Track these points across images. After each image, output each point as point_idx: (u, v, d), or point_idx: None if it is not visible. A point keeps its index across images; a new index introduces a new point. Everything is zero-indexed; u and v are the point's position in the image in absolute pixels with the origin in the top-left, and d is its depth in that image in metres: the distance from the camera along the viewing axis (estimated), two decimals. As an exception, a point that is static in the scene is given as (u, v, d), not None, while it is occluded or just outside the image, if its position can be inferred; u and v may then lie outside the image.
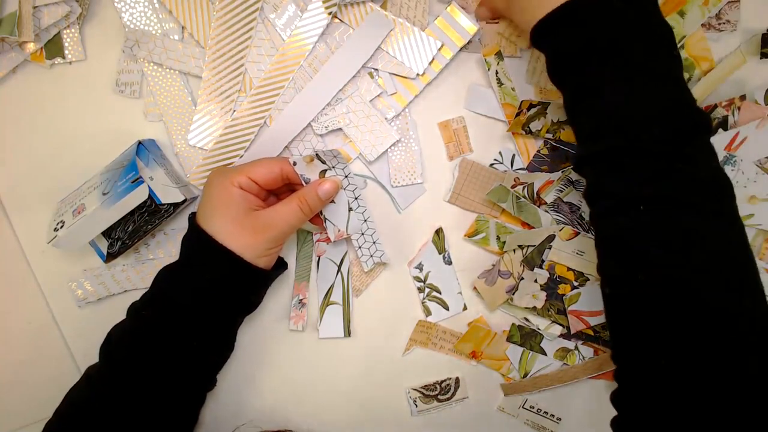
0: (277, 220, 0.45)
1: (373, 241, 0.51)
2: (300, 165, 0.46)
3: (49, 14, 0.51)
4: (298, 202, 0.45)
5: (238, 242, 0.44)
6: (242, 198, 0.45)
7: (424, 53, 0.51)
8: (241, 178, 0.45)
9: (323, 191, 0.46)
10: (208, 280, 0.44)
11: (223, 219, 0.44)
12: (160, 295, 0.46)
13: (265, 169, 0.45)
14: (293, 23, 0.51)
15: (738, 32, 0.51)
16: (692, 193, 0.35)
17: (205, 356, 0.46)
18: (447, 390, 0.54)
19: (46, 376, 0.56)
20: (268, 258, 0.46)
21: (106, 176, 0.50)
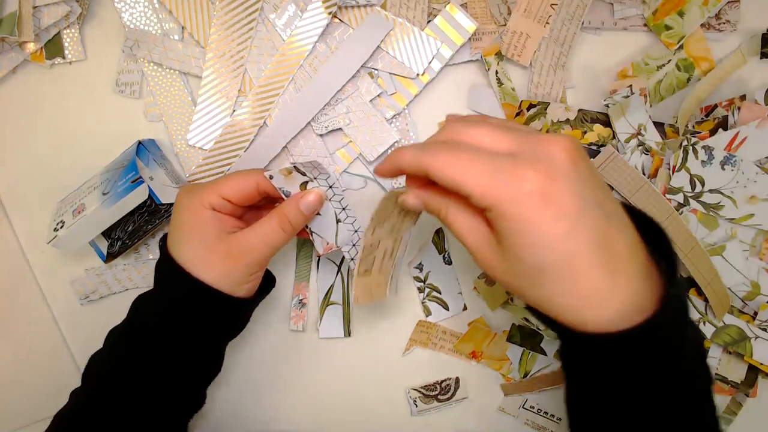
0: (255, 243, 0.39)
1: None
2: (277, 178, 0.40)
3: (49, 14, 0.51)
4: (278, 221, 0.40)
5: (213, 272, 0.39)
6: (215, 221, 0.40)
7: (423, 53, 0.51)
8: (211, 197, 0.39)
9: (306, 205, 0.40)
10: (184, 316, 0.40)
11: (194, 246, 0.39)
12: (136, 327, 0.42)
13: (237, 186, 0.40)
14: (293, 23, 0.51)
15: (738, 32, 0.51)
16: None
17: (188, 382, 0.43)
18: (447, 390, 0.54)
19: (46, 376, 0.56)
20: (250, 284, 0.41)
21: (106, 176, 0.50)
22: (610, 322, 0.30)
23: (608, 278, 0.29)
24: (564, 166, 0.29)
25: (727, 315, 0.48)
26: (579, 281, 0.30)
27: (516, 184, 0.29)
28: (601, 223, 0.29)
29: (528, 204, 0.29)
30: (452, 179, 0.30)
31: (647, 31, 0.52)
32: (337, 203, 0.44)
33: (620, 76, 0.51)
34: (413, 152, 0.32)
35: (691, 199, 0.48)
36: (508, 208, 0.29)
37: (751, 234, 0.48)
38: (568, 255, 0.29)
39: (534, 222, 0.29)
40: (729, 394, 0.51)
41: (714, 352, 0.49)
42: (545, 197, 0.29)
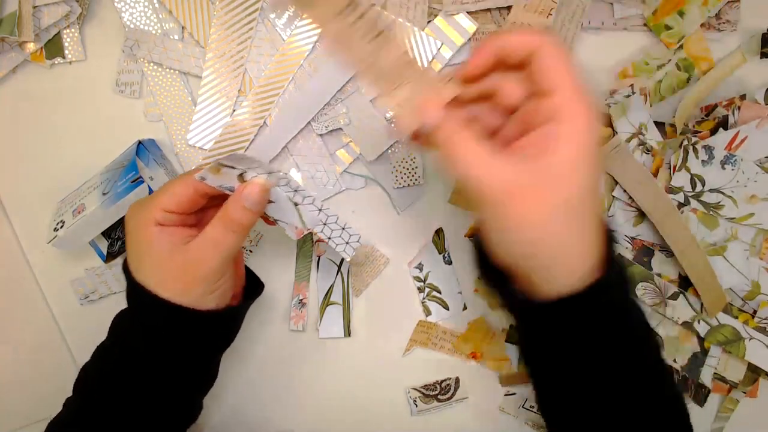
0: (206, 251, 0.37)
1: (342, 227, 0.43)
2: (210, 178, 0.37)
3: (49, 14, 0.51)
4: (223, 224, 0.37)
5: (171, 290, 0.37)
6: (163, 236, 0.37)
7: (423, 53, 0.51)
8: (154, 213, 0.37)
9: (249, 200, 0.37)
10: (159, 336, 0.38)
11: (149, 266, 0.38)
12: (118, 345, 0.41)
13: (175, 195, 0.37)
14: (293, 23, 0.51)
15: (738, 32, 0.51)
16: None
17: (178, 396, 0.41)
18: (447, 390, 0.54)
19: (46, 376, 0.56)
20: (217, 294, 0.38)
21: (106, 176, 0.50)
22: (579, 278, 0.31)
23: (587, 230, 0.31)
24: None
25: (721, 314, 0.48)
26: (591, 231, 0.31)
27: (590, 110, 0.30)
28: (597, 172, 0.32)
29: (592, 130, 0.30)
30: (560, 70, 0.31)
31: (647, 31, 0.52)
32: (286, 187, 0.40)
33: (620, 76, 0.51)
34: (526, 31, 0.32)
35: (692, 198, 0.48)
36: (584, 124, 0.30)
37: (751, 233, 0.48)
38: (594, 201, 0.31)
39: (594, 145, 0.30)
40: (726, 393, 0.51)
41: (714, 352, 0.49)
42: (593, 133, 0.31)
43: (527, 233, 0.30)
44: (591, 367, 0.34)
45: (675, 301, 0.48)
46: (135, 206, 0.39)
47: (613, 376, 0.34)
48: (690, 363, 0.49)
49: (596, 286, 0.31)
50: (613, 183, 0.49)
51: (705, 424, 0.52)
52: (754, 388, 0.51)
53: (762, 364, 0.48)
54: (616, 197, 0.49)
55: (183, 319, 0.38)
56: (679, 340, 0.49)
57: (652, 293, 0.48)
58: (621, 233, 0.49)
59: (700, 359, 0.49)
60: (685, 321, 0.48)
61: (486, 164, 0.30)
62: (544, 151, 0.30)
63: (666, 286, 0.48)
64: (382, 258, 0.53)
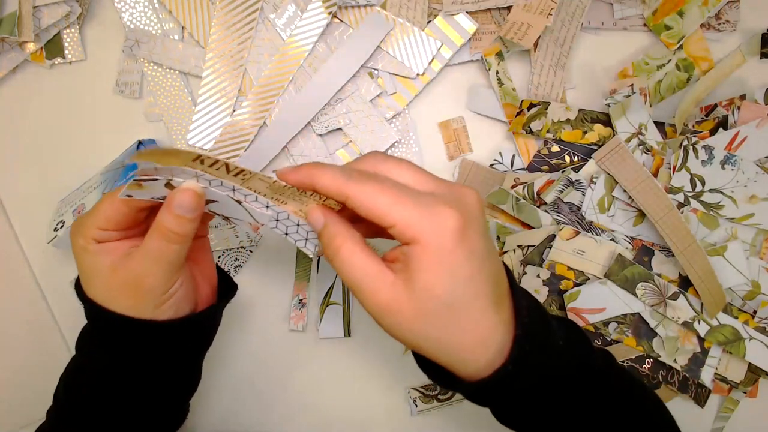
0: (146, 265, 0.35)
1: (296, 223, 0.39)
2: (137, 193, 0.34)
3: (49, 14, 0.51)
4: (159, 235, 0.35)
5: (123, 306, 0.36)
6: (103, 253, 0.36)
7: (423, 53, 0.51)
8: (92, 231, 0.36)
9: (180, 207, 0.34)
10: (124, 350, 0.37)
11: (94, 284, 0.36)
12: (84, 361, 0.40)
13: (107, 214, 0.35)
14: (293, 23, 0.51)
15: (738, 32, 0.51)
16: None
17: (158, 404, 0.40)
18: (447, 390, 0.54)
19: (46, 376, 0.55)
20: (171, 304, 0.37)
21: (106, 176, 0.50)
22: (489, 363, 0.32)
23: (495, 316, 0.32)
24: (476, 211, 0.32)
25: (721, 314, 0.48)
26: (481, 321, 0.32)
27: (439, 219, 0.30)
28: (495, 266, 0.33)
29: (449, 239, 0.30)
30: (378, 210, 0.31)
31: (647, 31, 0.52)
32: (221, 186, 0.36)
33: (620, 76, 0.51)
34: (334, 176, 0.32)
35: (692, 198, 0.48)
36: (430, 241, 0.30)
37: (751, 233, 0.48)
38: (475, 294, 0.31)
39: (452, 257, 0.30)
40: (726, 393, 0.51)
41: (714, 352, 0.49)
42: (463, 235, 0.31)
43: (406, 340, 0.33)
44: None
45: (675, 301, 0.48)
46: (75, 225, 0.37)
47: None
48: (690, 363, 0.49)
49: (502, 370, 0.32)
50: (613, 183, 0.49)
51: (705, 424, 0.52)
52: (754, 389, 0.51)
53: (762, 365, 0.48)
54: (616, 197, 0.49)
55: (142, 331, 0.36)
56: (679, 340, 0.49)
57: (652, 293, 0.48)
58: (621, 233, 0.49)
59: (700, 359, 0.49)
60: (685, 321, 0.48)
61: (365, 274, 0.32)
62: (405, 269, 0.31)
63: (666, 286, 0.48)
64: (382, 258, 0.53)
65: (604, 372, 0.37)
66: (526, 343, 0.33)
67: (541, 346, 0.34)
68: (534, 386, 0.34)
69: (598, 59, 0.52)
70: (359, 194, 0.31)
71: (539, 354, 0.34)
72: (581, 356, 0.36)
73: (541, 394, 0.34)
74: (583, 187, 0.49)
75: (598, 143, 0.50)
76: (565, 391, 0.35)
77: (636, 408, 0.38)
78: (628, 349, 0.50)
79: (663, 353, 0.49)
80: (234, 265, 0.53)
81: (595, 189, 0.49)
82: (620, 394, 0.38)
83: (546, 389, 0.34)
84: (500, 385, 0.33)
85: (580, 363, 0.36)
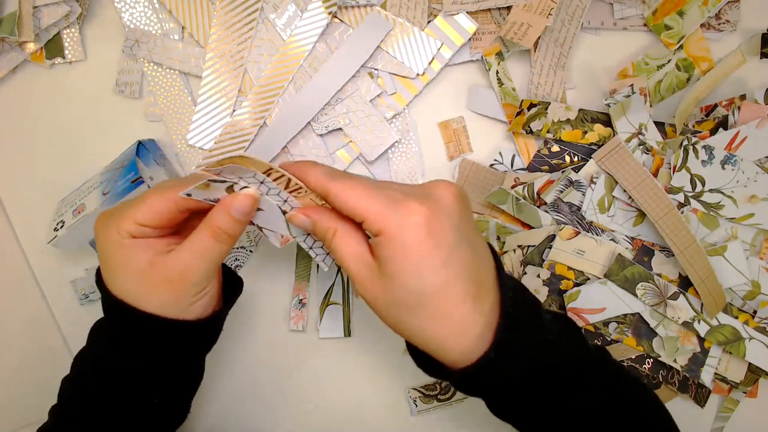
0: (191, 262, 0.35)
1: None
2: (197, 193, 0.35)
3: (49, 14, 0.51)
4: (210, 233, 0.35)
5: (153, 302, 0.36)
6: (139, 248, 0.36)
7: (423, 53, 0.51)
8: (128, 226, 0.35)
9: (238, 210, 0.35)
10: (138, 349, 0.37)
11: (127, 280, 0.36)
12: (97, 357, 0.39)
13: (151, 210, 0.35)
14: (293, 23, 0.51)
15: (738, 32, 0.51)
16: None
17: (163, 402, 0.41)
18: (447, 390, 0.54)
19: (46, 376, 0.55)
20: (202, 302, 0.37)
21: (106, 176, 0.50)
22: (471, 350, 0.34)
23: (474, 304, 0.33)
24: (448, 205, 0.34)
25: (721, 314, 0.48)
26: (454, 310, 0.33)
27: (405, 213, 0.32)
28: (470, 256, 0.34)
29: (413, 232, 0.32)
30: (351, 205, 0.33)
31: (647, 31, 0.52)
32: (276, 195, 0.39)
33: (620, 76, 0.51)
34: (321, 174, 0.35)
35: (692, 198, 0.48)
36: (395, 233, 0.32)
37: (751, 233, 0.48)
38: (444, 283, 0.33)
39: (417, 249, 0.32)
40: (726, 393, 0.51)
41: (714, 352, 0.49)
42: (429, 228, 0.32)
43: (389, 325, 0.36)
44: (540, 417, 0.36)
45: (675, 301, 0.48)
46: (104, 217, 0.37)
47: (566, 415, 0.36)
48: (690, 363, 0.49)
49: (485, 358, 0.33)
50: (613, 183, 0.49)
51: (705, 424, 0.52)
52: (754, 389, 0.51)
53: (762, 365, 0.48)
54: (616, 197, 0.49)
55: (168, 331, 0.37)
56: (679, 340, 0.49)
57: (652, 293, 0.48)
58: (621, 233, 0.49)
59: (700, 359, 0.49)
60: (685, 321, 0.48)
61: (354, 259, 0.35)
62: (377, 258, 0.34)
63: (666, 286, 0.48)
64: (382, 258, 0.54)
65: (599, 368, 0.37)
66: (511, 331, 0.34)
67: (527, 336, 0.35)
68: (521, 377, 0.34)
69: (598, 59, 0.52)
70: (337, 191, 0.34)
71: (525, 344, 0.34)
72: (573, 351, 0.37)
73: (530, 385, 0.35)
74: (583, 187, 0.49)
75: (598, 143, 0.50)
76: (556, 385, 0.35)
77: (633, 406, 0.38)
78: (628, 349, 0.50)
79: (663, 353, 0.49)
80: (234, 265, 0.54)
81: (595, 189, 0.49)
82: (617, 391, 0.38)
83: (535, 380, 0.35)
84: (484, 373, 0.34)
85: (572, 357, 0.36)
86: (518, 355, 0.34)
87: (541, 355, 0.35)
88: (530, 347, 0.35)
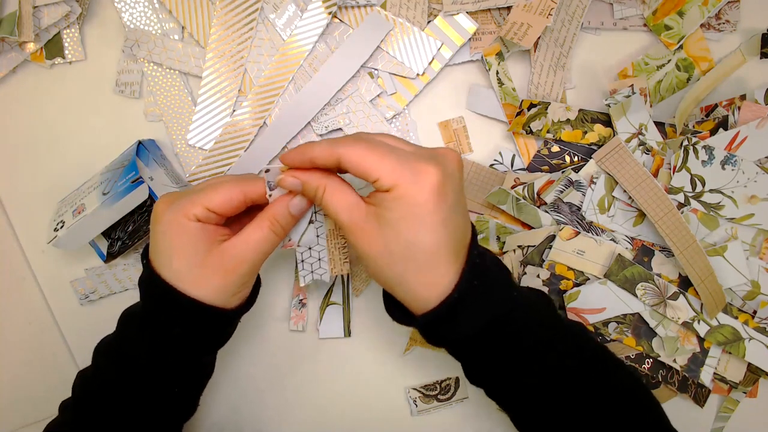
0: (248, 251, 0.38)
1: (319, 258, 0.46)
2: (273, 171, 0.39)
3: (49, 14, 0.51)
4: (269, 225, 0.38)
5: (206, 288, 0.37)
6: (202, 233, 0.37)
7: (423, 53, 0.51)
8: (197, 209, 0.37)
9: (295, 206, 0.39)
10: (176, 334, 0.38)
11: (183, 262, 0.37)
12: (126, 345, 0.40)
13: (224, 197, 0.38)
14: (293, 23, 0.51)
15: (738, 32, 0.51)
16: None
17: (179, 395, 0.42)
18: (447, 390, 0.54)
19: (46, 376, 0.56)
20: (243, 294, 0.40)
21: (106, 176, 0.50)
22: (439, 298, 0.36)
23: (453, 262, 0.36)
24: (453, 169, 0.37)
25: (721, 314, 0.48)
26: (439, 264, 0.36)
27: (420, 172, 0.35)
28: (461, 219, 0.37)
29: (426, 190, 0.34)
30: (365, 166, 0.35)
31: (647, 31, 0.52)
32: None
33: (620, 76, 0.51)
34: (325, 145, 0.36)
35: (692, 198, 0.48)
36: (407, 189, 0.34)
37: (751, 233, 0.48)
38: (438, 240, 0.35)
39: (424, 206, 0.35)
40: (726, 393, 0.51)
41: (714, 352, 0.49)
42: (439, 190, 0.35)
43: (368, 267, 0.38)
44: (510, 372, 0.37)
45: (675, 301, 0.48)
46: (170, 199, 0.38)
47: (534, 371, 0.37)
48: (690, 363, 0.49)
49: (449, 299, 0.36)
50: (613, 183, 0.49)
51: (705, 424, 0.52)
52: (754, 389, 0.51)
53: (762, 365, 0.48)
54: (616, 197, 0.49)
55: (210, 319, 0.38)
56: (679, 340, 0.49)
57: (652, 293, 0.48)
58: (621, 233, 0.49)
59: (700, 359, 0.49)
60: (685, 321, 0.48)
61: (348, 209, 0.37)
62: (378, 208, 0.36)
63: (666, 286, 0.48)
64: (382, 258, 0.53)
65: (572, 339, 0.39)
66: (474, 279, 0.36)
67: (491, 286, 0.37)
68: (485, 330, 0.36)
69: (598, 59, 0.52)
70: (349, 154, 0.35)
71: (488, 292, 0.37)
72: (540, 313, 0.39)
73: (494, 341, 0.37)
74: (583, 187, 0.49)
75: (598, 143, 0.50)
76: (520, 344, 0.37)
77: (606, 376, 0.39)
78: (628, 349, 0.50)
79: (663, 353, 0.49)
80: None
81: (595, 189, 0.49)
82: (593, 363, 0.39)
83: (499, 335, 0.37)
84: (448, 316, 0.36)
85: (538, 321, 0.38)
86: (480, 302, 0.36)
87: (506, 308, 0.37)
88: (493, 297, 0.37)
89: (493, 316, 0.36)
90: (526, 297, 0.39)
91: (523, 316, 0.37)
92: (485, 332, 0.37)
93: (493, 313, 0.36)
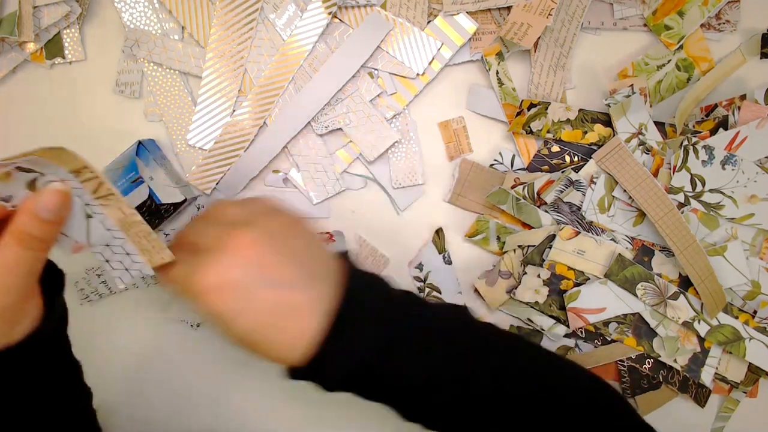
0: (2, 279, 0.30)
1: (126, 252, 0.38)
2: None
3: (49, 14, 0.51)
4: (17, 241, 0.30)
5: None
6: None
7: (423, 53, 0.51)
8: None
9: (46, 209, 0.31)
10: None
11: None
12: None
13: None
14: (293, 23, 0.51)
15: (738, 32, 0.51)
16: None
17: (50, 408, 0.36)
18: (447, 390, 0.54)
19: (46, 377, 0.55)
20: (25, 321, 0.32)
21: (106, 176, 0.50)
22: (301, 352, 0.36)
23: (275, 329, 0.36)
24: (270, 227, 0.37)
25: (722, 314, 0.48)
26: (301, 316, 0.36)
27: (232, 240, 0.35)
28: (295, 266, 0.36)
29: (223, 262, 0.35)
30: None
31: (647, 31, 0.52)
32: (78, 198, 0.35)
33: (620, 76, 0.51)
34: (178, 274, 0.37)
35: (692, 198, 0.48)
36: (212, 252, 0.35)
37: (751, 233, 0.49)
38: (260, 280, 0.35)
39: (219, 275, 0.35)
40: (727, 393, 0.51)
41: (714, 352, 0.49)
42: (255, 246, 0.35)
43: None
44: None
45: (675, 301, 0.48)
46: None
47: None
48: (690, 363, 0.49)
49: (317, 357, 0.36)
50: (613, 183, 0.49)
51: (705, 424, 0.52)
52: (754, 389, 0.51)
53: (762, 365, 0.48)
54: (616, 197, 0.49)
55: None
56: (679, 340, 0.49)
57: (652, 293, 0.48)
58: (621, 233, 0.49)
59: (701, 359, 0.49)
60: (686, 321, 0.48)
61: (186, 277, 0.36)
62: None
63: (666, 286, 0.48)
64: (382, 258, 0.53)
65: (498, 360, 0.39)
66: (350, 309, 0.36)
67: (372, 301, 0.37)
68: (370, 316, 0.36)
69: (598, 59, 0.52)
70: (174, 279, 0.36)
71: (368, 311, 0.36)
72: (419, 312, 0.38)
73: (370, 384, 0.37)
74: (583, 187, 0.49)
75: (598, 143, 0.50)
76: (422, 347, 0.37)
77: (549, 387, 0.38)
78: (628, 349, 0.50)
79: (663, 353, 0.49)
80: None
81: (595, 189, 0.49)
82: (529, 379, 0.38)
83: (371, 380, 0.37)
84: (315, 370, 0.37)
85: (439, 325, 0.38)
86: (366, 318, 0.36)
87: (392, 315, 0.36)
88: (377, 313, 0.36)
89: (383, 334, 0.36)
90: (402, 298, 0.38)
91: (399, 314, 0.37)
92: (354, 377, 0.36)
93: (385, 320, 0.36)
